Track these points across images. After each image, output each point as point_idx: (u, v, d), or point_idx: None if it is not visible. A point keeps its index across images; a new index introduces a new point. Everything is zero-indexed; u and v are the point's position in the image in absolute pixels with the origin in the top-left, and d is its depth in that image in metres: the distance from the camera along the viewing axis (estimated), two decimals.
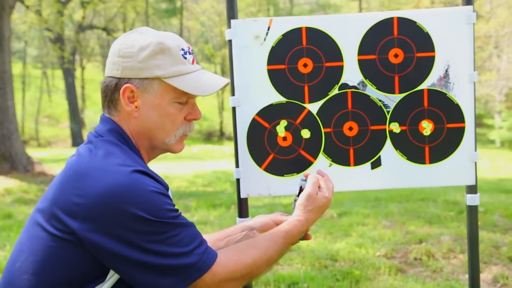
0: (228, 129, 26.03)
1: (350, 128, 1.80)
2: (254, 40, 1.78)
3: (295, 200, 1.64)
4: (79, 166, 1.25)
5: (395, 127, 1.80)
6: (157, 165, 11.04)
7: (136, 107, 1.34)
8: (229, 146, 19.37)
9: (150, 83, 1.34)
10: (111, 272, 1.25)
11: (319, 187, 1.52)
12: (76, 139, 22.14)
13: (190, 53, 1.39)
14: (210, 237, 1.60)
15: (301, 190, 1.62)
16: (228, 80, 1.43)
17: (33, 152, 14.03)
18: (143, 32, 1.37)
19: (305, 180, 1.63)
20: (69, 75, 22.81)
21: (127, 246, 1.19)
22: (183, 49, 1.38)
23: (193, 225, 1.29)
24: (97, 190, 1.19)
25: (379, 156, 1.81)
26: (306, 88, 1.79)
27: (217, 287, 1.27)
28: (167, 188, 1.32)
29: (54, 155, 15.44)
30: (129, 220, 1.18)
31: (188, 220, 1.29)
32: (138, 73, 1.33)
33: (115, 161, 1.24)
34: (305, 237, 1.61)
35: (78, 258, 1.21)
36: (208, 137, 26.42)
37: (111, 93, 1.36)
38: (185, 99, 1.39)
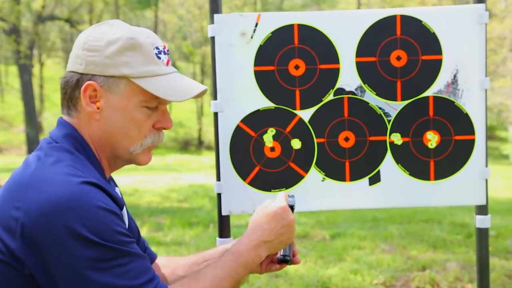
0: (208, 137, 26.00)
1: (346, 139, 1.82)
2: (239, 38, 1.79)
3: None
4: (23, 176, 1.23)
5: (397, 139, 1.82)
6: (125, 177, 10.97)
7: (98, 108, 1.33)
8: (208, 157, 19.34)
9: (115, 82, 1.33)
10: None
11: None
12: (32, 146, 21.88)
13: (165, 53, 1.39)
14: (186, 260, 1.59)
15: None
16: (206, 87, 1.40)
17: None
18: (113, 25, 1.37)
19: (293, 196, 1.63)
20: (25, 72, 22.60)
21: (64, 272, 1.16)
22: (157, 48, 1.37)
23: (146, 258, 1.25)
24: (37, 203, 1.16)
25: (378, 171, 1.82)
26: (297, 93, 1.80)
27: None
28: (121, 206, 1.30)
29: (6, 164, 15.25)
30: (68, 237, 1.15)
31: (141, 252, 1.25)
32: (104, 69, 1.32)
33: (62, 170, 1.22)
34: (293, 260, 1.61)
35: (19, 284, 1.19)
36: (185, 146, 26.35)
37: (71, 90, 1.35)
38: (155, 104, 1.37)
